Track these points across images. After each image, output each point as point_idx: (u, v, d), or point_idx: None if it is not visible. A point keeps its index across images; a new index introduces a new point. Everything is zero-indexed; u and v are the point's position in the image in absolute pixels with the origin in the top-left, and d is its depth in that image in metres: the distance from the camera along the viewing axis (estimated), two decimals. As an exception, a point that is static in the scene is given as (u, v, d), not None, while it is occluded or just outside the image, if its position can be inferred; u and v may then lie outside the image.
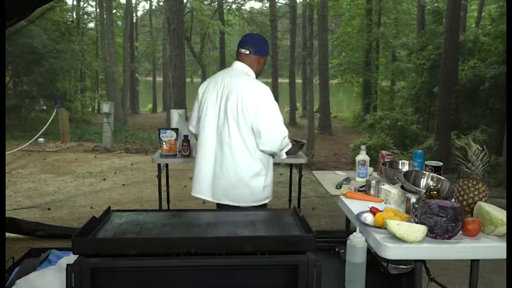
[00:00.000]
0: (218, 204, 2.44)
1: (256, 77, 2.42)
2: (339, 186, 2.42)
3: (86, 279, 1.47)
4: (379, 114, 14.00)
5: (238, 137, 2.25)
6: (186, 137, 3.32)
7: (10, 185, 5.89)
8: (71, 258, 1.78)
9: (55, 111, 9.96)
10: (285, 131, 2.30)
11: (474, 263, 1.72)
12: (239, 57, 2.41)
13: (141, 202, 5.28)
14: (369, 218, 1.84)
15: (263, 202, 2.36)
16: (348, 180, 2.57)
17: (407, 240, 1.61)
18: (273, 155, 2.37)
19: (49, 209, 4.93)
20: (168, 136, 3.27)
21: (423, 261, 1.78)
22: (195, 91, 2.56)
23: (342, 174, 2.76)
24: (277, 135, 2.27)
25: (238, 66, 2.39)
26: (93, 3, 21.23)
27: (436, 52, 11.18)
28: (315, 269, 1.52)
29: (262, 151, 2.29)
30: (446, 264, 3.16)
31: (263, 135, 2.24)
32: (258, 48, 2.40)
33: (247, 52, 2.37)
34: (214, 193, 2.38)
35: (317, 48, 16.63)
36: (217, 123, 2.31)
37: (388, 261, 2.10)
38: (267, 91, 2.29)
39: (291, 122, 17.07)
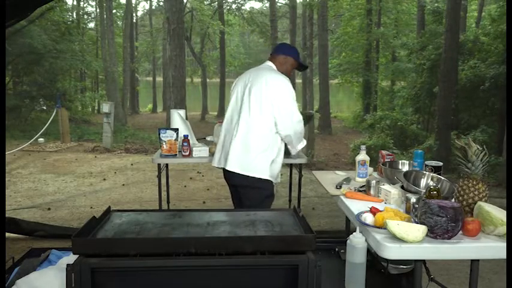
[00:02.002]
0: (226, 171, 2.69)
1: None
2: (339, 186, 2.42)
3: (86, 279, 1.47)
4: (379, 114, 13.97)
5: (257, 114, 2.57)
6: (186, 137, 3.32)
7: (10, 185, 5.89)
8: (71, 258, 1.78)
9: (55, 111, 9.96)
10: (300, 116, 2.64)
11: (474, 263, 1.72)
12: (269, 57, 2.82)
13: (141, 202, 5.28)
14: (369, 218, 1.84)
15: (266, 177, 2.59)
16: (348, 180, 2.58)
17: (407, 240, 1.61)
18: (289, 142, 2.69)
19: (49, 209, 4.93)
20: (168, 136, 3.27)
21: (423, 261, 1.78)
22: (195, 91, 2.66)
23: (342, 174, 2.76)
24: (292, 118, 2.60)
25: (266, 63, 2.80)
26: (93, 3, 21.21)
27: (436, 52, 11.16)
28: (315, 269, 1.52)
29: (279, 133, 2.60)
30: (447, 264, 3.17)
31: (281, 119, 2.57)
32: (284, 49, 2.82)
33: (275, 53, 2.79)
34: (225, 161, 2.66)
35: (317, 48, 16.60)
36: (241, 104, 2.65)
37: (388, 261, 2.10)
38: (288, 82, 2.65)
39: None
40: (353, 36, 18.09)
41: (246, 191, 2.65)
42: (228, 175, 2.70)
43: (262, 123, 2.58)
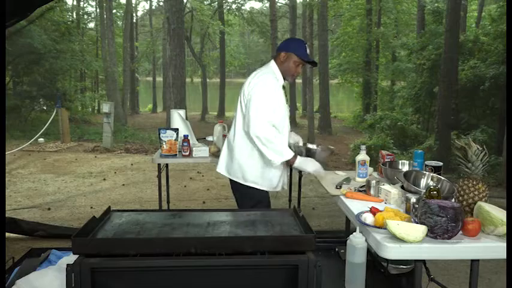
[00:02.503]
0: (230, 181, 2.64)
1: (285, 76, 2.54)
2: (339, 186, 2.41)
3: (86, 279, 1.47)
4: (379, 114, 13.97)
5: (240, 118, 2.49)
6: (186, 137, 3.32)
7: (10, 185, 5.89)
8: (71, 258, 1.78)
9: (55, 111, 9.96)
10: (265, 120, 2.36)
11: (474, 263, 1.72)
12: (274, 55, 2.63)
13: (141, 202, 5.28)
14: (369, 218, 1.84)
15: (250, 184, 2.49)
16: (348, 180, 2.57)
17: (407, 240, 1.61)
18: (258, 147, 2.40)
19: (49, 209, 4.93)
20: (168, 136, 3.27)
21: (423, 261, 1.78)
22: (195, 91, 2.65)
23: (342, 174, 2.76)
24: (255, 117, 2.37)
25: (269, 62, 2.59)
26: (93, 3, 21.20)
27: (436, 52, 11.17)
28: (315, 269, 1.52)
29: (246, 132, 2.42)
30: (446, 264, 3.17)
31: (247, 114, 2.41)
32: (286, 45, 2.57)
33: (277, 51, 2.58)
34: (219, 164, 2.65)
35: (317, 48, 16.62)
36: (237, 108, 2.57)
37: (388, 261, 2.11)
38: (269, 83, 2.44)
39: (291, 122, 16.98)
40: (353, 36, 18.09)
41: (237, 195, 2.61)
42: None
43: (244, 125, 2.47)
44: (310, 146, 2.83)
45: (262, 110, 2.37)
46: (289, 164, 2.51)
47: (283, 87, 2.58)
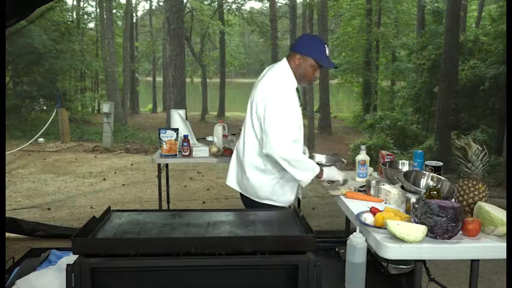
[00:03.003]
0: (242, 195, 2.47)
1: (298, 78, 2.30)
2: (330, 182, 2.37)
3: (86, 279, 1.47)
4: (379, 114, 13.98)
5: (250, 129, 2.31)
6: (186, 137, 3.32)
7: (10, 185, 5.89)
8: (71, 258, 1.78)
9: (55, 111, 9.97)
10: (285, 138, 2.16)
11: (474, 263, 1.72)
12: (288, 53, 2.39)
13: (141, 202, 5.29)
14: (369, 218, 1.84)
15: (265, 201, 2.30)
16: (345, 181, 2.56)
17: (407, 240, 1.61)
18: (285, 168, 2.20)
19: (49, 209, 4.93)
20: (168, 136, 3.27)
21: (423, 261, 1.78)
22: (195, 91, 2.60)
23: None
24: (273, 137, 2.16)
25: (281, 60, 2.34)
26: (93, 3, 21.24)
27: (436, 52, 11.18)
28: (315, 269, 1.52)
29: (266, 154, 2.21)
30: (446, 264, 3.17)
31: (264, 136, 2.21)
32: (303, 46, 2.28)
33: (292, 49, 2.32)
34: (229, 178, 2.47)
35: (317, 48, 16.59)
36: (246, 116, 2.39)
37: (388, 261, 2.10)
38: (281, 91, 2.21)
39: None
40: (353, 36, 18.10)
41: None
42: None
43: (254, 138, 2.29)
44: (317, 157, 2.78)
45: (285, 129, 2.17)
46: (316, 178, 2.29)
47: (297, 89, 2.34)
